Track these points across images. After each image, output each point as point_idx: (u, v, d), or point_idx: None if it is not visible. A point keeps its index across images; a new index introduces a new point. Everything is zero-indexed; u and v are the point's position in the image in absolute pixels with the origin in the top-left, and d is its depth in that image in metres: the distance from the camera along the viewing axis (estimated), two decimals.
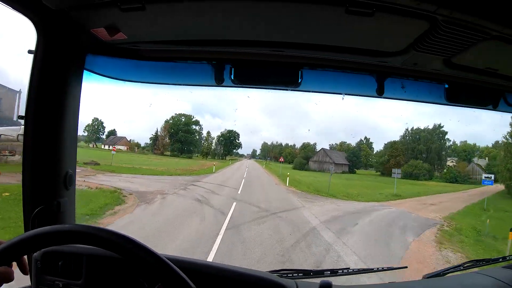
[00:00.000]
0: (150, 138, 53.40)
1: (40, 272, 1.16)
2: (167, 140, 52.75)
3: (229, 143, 57.74)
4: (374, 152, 47.41)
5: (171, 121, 52.76)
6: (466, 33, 1.09)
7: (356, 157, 46.30)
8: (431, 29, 1.10)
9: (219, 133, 59.19)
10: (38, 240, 0.82)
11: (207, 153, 53.43)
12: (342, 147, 47.91)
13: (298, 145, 55.36)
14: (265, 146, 64.86)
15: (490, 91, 1.63)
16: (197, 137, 54.29)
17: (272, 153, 59.79)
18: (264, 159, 63.90)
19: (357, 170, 45.71)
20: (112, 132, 50.23)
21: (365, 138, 49.94)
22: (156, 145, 52.27)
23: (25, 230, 1.21)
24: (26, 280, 1.21)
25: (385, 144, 46.46)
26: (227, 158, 57.03)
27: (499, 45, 1.14)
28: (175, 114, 53.38)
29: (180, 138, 52.93)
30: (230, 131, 58.04)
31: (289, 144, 58.01)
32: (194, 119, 54.24)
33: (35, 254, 1.17)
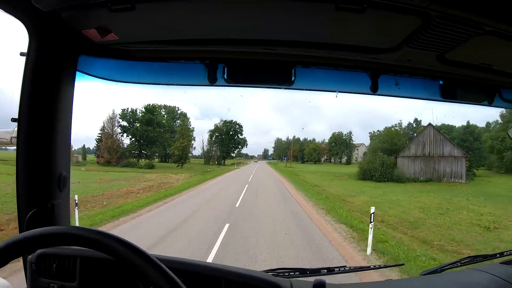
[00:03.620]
0: (96, 140, 31.95)
1: (35, 275, 1.17)
2: (118, 138, 32.16)
3: (228, 140, 38.57)
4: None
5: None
6: (459, 29, 1.09)
7: (479, 142, 24.86)
8: (423, 25, 1.10)
9: (213, 127, 39.94)
10: (32, 242, 0.83)
11: (182, 158, 32.91)
12: (391, 133, 30.62)
13: (318, 140, 42.53)
14: (279, 143, 51.10)
15: (485, 87, 1.63)
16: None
17: (291, 151, 44.01)
18: (279, 159, 50.48)
19: (476, 170, 24.43)
20: None
21: (415, 120, 33.48)
22: (99, 150, 31.39)
23: (20, 232, 1.18)
24: (22, 283, 1.22)
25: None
26: (226, 162, 38.74)
27: (493, 40, 1.14)
28: (147, 104, 34.02)
29: (134, 133, 32.39)
30: (228, 123, 38.76)
31: (308, 139, 44.75)
32: (180, 111, 36.40)
33: (29, 256, 1.18)
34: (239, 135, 39.66)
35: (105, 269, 1.16)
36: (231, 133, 38.98)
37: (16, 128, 1.26)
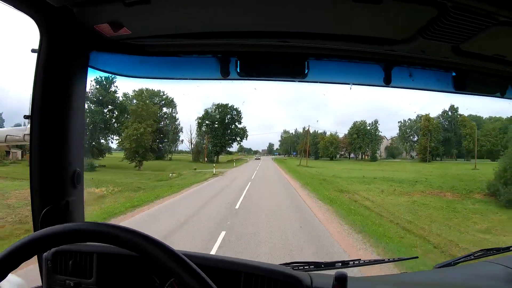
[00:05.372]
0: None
1: (51, 272, 1.17)
2: None
3: (222, 130, 28.58)
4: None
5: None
6: (475, 19, 1.07)
7: None
8: (439, 15, 1.08)
9: (202, 113, 29.40)
10: (47, 240, 0.82)
11: (139, 154, 22.00)
12: (431, 123, 25.72)
13: (328, 134, 35.71)
14: (286, 137, 42.25)
15: (497, 78, 1.61)
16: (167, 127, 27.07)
17: (308, 144, 33.85)
18: (286, 154, 42.78)
19: None
20: None
21: (451, 107, 27.22)
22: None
23: (34, 230, 1.21)
24: (37, 280, 1.24)
25: None
26: (221, 158, 29.58)
27: (507, 31, 1.12)
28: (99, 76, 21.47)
29: None
30: (222, 107, 28.38)
31: (319, 131, 36.95)
32: (165, 96, 27.54)
33: (45, 254, 1.18)
34: (237, 123, 29.29)
35: (122, 265, 1.16)
36: (226, 121, 28.91)
37: (28, 125, 1.25)
